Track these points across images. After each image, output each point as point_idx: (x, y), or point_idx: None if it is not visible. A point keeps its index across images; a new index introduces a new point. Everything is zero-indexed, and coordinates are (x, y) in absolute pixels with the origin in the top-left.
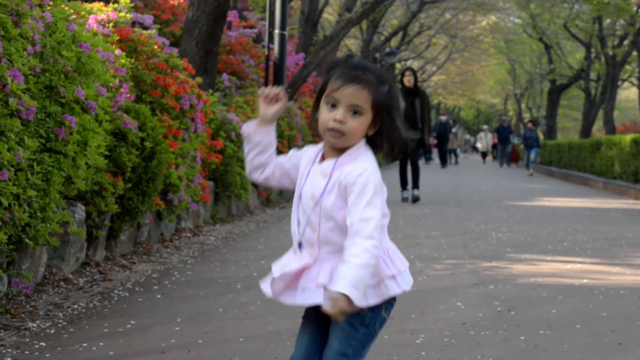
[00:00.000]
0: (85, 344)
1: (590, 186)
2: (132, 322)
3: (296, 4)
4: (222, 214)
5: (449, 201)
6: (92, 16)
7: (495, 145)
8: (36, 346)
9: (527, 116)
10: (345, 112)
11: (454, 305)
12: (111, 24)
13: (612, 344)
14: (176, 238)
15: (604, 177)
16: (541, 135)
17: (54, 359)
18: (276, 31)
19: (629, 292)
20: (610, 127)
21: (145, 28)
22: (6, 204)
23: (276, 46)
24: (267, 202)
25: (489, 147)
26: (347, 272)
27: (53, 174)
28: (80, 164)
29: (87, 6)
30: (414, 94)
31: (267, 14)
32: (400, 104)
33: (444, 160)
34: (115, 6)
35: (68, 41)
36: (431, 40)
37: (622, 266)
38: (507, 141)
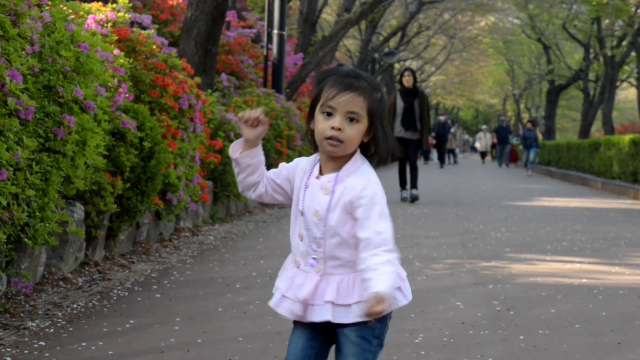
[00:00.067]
0: (84, 344)
1: (589, 186)
2: (131, 321)
3: (295, 4)
4: (221, 213)
5: (448, 201)
6: (90, 16)
7: (494, 145)
8: (35, 345)
9: (525, 116)
10: (342, 119)
11: (453, 305)
12: (110, 24)
13: (611, 343)
14: (175, 238)
15: (602, 178)
16: (540, 136)
17: (53, 358)
18: (275, 31)
19: (628, 292)
20: (609, 128)
21: (144, 28)
22: (5, 203)
23: (275, 46)
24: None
25: (487, 147)
26: (379, 276)
27: (52, 174)
28: (79, 163)
29: (86, 6)
30: (413, 94)
31: (265, 14)
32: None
33: (442, 160)
34: (114, 6)
35: (67, 41)
36: (430, 40)
37: (621, 266)
38: (506, 141)
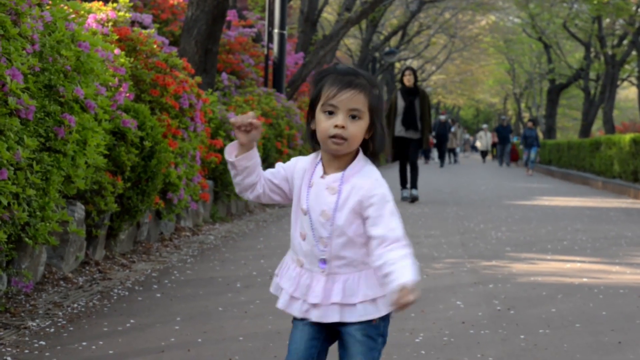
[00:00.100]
0: (84, 343)
1: (590, 185)
2: (132, 321)
3: (295, 3)
4: (222, 213)
5: (448, 200)
6: (91, 15)
7: (495, 144)
8: (36, 345)
9: (526, 115)
10: (345, 117)
11: (453, 305)
12: (110, 23)
13: (611, 343)
14: (176, 237)
15: (603, 177)
16: (541, 135)
17: (53, 358)
18: (275, 30)
19: (628, 291)
20: (609, 127)
21: (145, 27)
22: (5, 203)
23: (275, 45)
24: None
25: (488, 147)
26: (402, 269)
27: (52, 173)
28: (79, 163)
29: (87, 5)
30: (413, 93)
31: (266, 13)
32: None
33: (442, 159)
34: (115, 5)
35: (67, 40)
36: (430, 39)
37: (622, 265)
38: (506, 140)
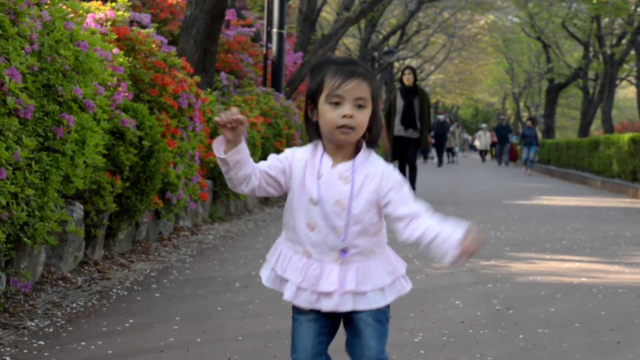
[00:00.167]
0: (83, 343)
1: (589, 185)
2: (131, 321)
3: (294, 2)
4: (221, 212)
5: (447, 200)
6: (90, 15)
7: (494, 144)
8: (35, 345)
9: (525, 115)
10: (351, 106)
11: (452, 304)
12: (109, 23)
13: (610, 342)
14: (175, 237)
15: (602, 176)
16: (539, 134)
17: (52, 358)
18: (274, 30)
19: (627, 291)
20: (608, 126)
21: (143, 27)
22: (4, 202)
23: (274, 45)
24: (266, 201)
25: (487, 146)
26: (448, 228)
27: (51, 173)
28: (78, 162)
29: (85, 5)
30: (413, 92)
31: (265, 12)
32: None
33: (440, 159)
34: (113, 5)
35: (66, 40)
36: (429, 39)
37: (621, 265)
38: (505, 140)
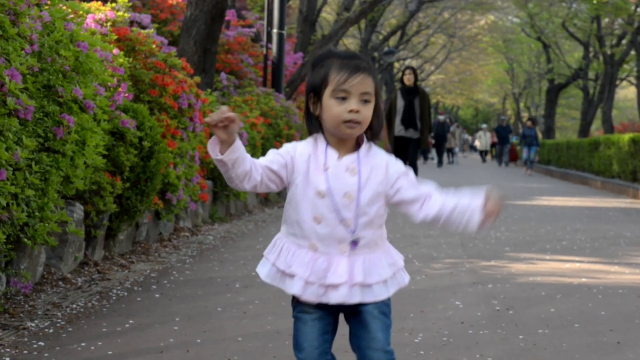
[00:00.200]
0: (83, 344)
1: (589, 185)
2: (131, 321)
3: (294, 3)
4: (221, 213)
5: None
6: (90, 15)
7: (494, 144)
8: (35, 346)
9: (525, 115)
10: (357, 101)
11: (452, 305)
12: (109, 23)
13: (610, 343)
14: (175, 237)
15: (602, 176)
16: (540, 135)
17: (52, 359)
18: (274, 30)
19: (627, 291)
20: (608, 126)
21: (144, 27)
22: (4, 203)
23: (274, 45)
24: (266, 202)
25: (487, 146)
26: (464, 197)
27: (51, 174)
28: (78, 163)
29: (85, 5)
30: (413, 92)
31: (265, 13)
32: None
33: (440, 160)
34: (113, 5)
35: (66, 40)
36: (429, 39)
37: (621, 265)
38: (506, 141)
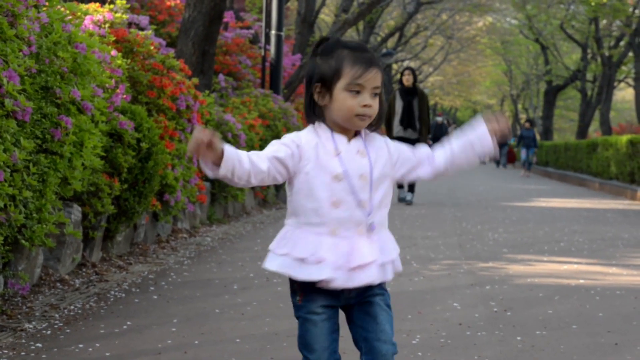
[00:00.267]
0: (81, 345)
1: (587, 187)
2: (129, 323)
3: (293, 4)
4: (219, 214)
5: (445, 202)
6: (88, 17)
7: None
8: (32, 347)
9: (523, 117)
10: (370, 95)
11: (450, 306)
12: (107, 25)
13: (608, 344)
14: (172, 239)
15: (600, 178)
16: (538, 136)
17: None
18: (273, 32)
19: (625, 293)
20: (606, 128)
21: (142, 29)
22: (2, 205)
23: (273, 47)
24: (264, 203)
25: None
26: (461, 133)
27: (49, 175)
28: (76, 164)
29: (83, 7)
30: (412, 93)
31: (263, 14)
32: None
33: None
34: (112, 7)
35: (64, 42)
36: (428, 41)
37: (619, 267)
38: (504, 142)
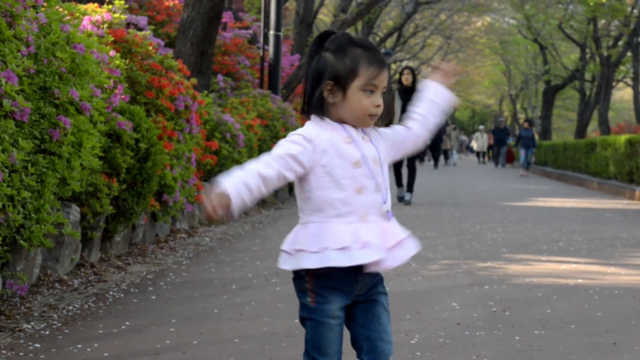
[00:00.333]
0: (80, 345)
1: (585, 186)
2: (127, 323)
3: (291, 4)
4: None
5: (444, 202)
6: (86, 17)
7: (491, 146)
8: (31, 347)
9: (522, 117)
10: (380, 96)
11: (449, 306)
12: (105, 25)
13: (607, 344)
14: (171, 239)
15: (598, 178)
16: (536, 136)
17: None
18: (271, 32)
19: (623, 292)
20: (604, 128)
21: (140, 29)
22: (0, 205)
23: (271, 47)
24: (263, 203)
25: (484, 148)
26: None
27: (47, 175)
28: (74, 165)
29: (82, 7)
30: (411, 93)
31: (262, 15)
32: None
33: (436, 161)
34: (110, 7)
35: (62, 42)
36: (426, 41)
37: (617, 266)
38: (503, 142)
